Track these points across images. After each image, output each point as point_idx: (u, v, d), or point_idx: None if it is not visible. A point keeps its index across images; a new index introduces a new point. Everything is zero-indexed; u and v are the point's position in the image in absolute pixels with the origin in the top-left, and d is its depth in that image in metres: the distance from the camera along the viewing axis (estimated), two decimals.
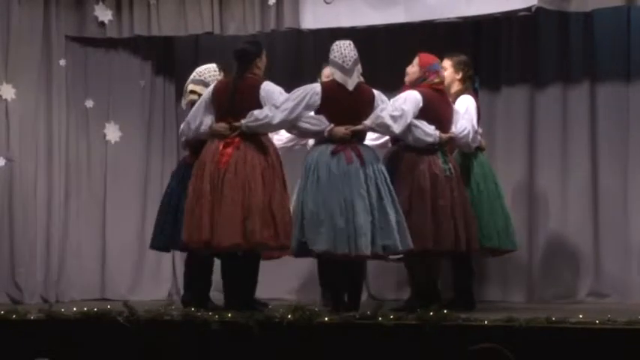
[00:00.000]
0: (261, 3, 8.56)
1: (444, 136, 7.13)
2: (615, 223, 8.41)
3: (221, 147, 7.00)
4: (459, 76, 7.57)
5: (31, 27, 8.79)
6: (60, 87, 8.92)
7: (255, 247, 6.94)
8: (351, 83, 7.05)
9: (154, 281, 9.27)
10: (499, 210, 7.45)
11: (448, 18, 8.21)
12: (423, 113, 7.09)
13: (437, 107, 7.17)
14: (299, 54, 9.43)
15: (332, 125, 6.97)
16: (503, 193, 7.62)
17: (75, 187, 9.02)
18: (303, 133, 7.22)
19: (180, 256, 8.81)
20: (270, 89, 7.09)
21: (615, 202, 8.42)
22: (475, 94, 7.71)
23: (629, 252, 8.34)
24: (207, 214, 6.88)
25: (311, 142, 7.36)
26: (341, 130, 6.96)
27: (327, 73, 7.51)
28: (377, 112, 7.02)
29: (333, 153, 6.94)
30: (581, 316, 6.07)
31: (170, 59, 9.54)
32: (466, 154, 7.47)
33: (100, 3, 8.97)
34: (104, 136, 9.15)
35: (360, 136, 7.09)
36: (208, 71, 7.64)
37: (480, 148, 7.54)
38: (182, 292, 7.80)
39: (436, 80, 7.22)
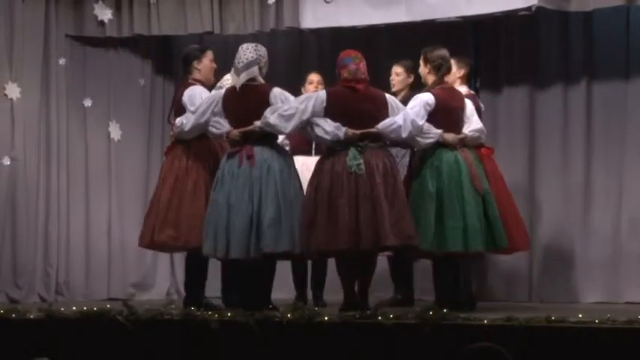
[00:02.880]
0: (260, 2, 8.56)
1: (352, 132, 6.90)
2: (610, 222, 8.41)
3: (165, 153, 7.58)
4: (427, 70, 7.32)
5: (33, 26, 8.80)
6: (60, 86, 8.93)
7: (158, 247, 7.50)
8: (237, 83, 7.09)
9: (155, 280, 9.28)
10: (455, 210, 7.04)
11: (449, 17, 8.20)
12: (328, 111, 6.95)
13: (345, 104, 6.97)
14: (301, 54, 9.44)
15: (230, 129, 7.07)
16: (468, 193, 7.11)
17: (77, 187, 9.03)
18: (213, 137, 7.28)
19: (179, 256, 8.82)
20: (191, 94, 7.29)
21: (611, 201, 8.42)
22: (450, 89, 7.40)
23: (624, 251, 8.33)
24: (146, 217, 7.46)
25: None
26: (233, 133, 7.05)
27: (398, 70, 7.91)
28: (266, 112, 6.98)
29: (229, 156, 7.05)
30: (580, 316, 6.07)
31: (170, 58, 9.54)
32: (426, 150, 7.16)
33: (100, 2, 8.98)
34: (107, 134, 9.16)
35: (260, 136, 7.02)
36: (226, 78, 7.70)
37: (445, 145, 7.16)
38: (182, 292, 7.87)
39: (345, 74, 7.02)
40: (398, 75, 8.01)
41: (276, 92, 7.09)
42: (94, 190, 9.10)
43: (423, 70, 7.38)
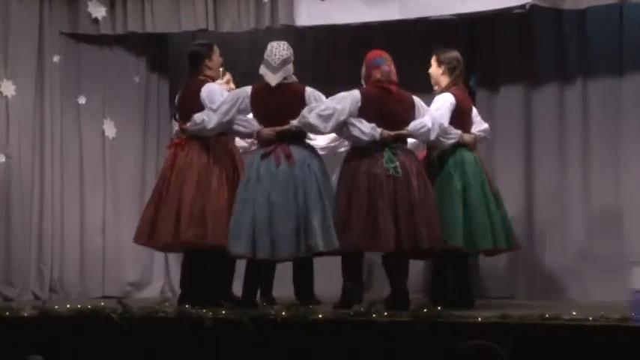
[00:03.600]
0: (255, 0, 8.56)
1: (387, 133, 6.94)
2: (607, 220, 8.42)
3: (173, 149, 7.31)
4: (441, 71, 7.36)
5: (28, 23, 8.80)
6: (55, 83, 8.93)
7: (183, 246, 7.18)
8: (274, 81, 7.03)
9: (150, 278, 9.27)
10: (480, 209, 7.16)
11: (442, 15, 8.21)
12: (363, 112, 6.95)
13: (379, 105, 6.98)
14: (296, 52, 9.41)
15: (260, 127, 7.01)
16: (488, 191, 7.28)
17: (71, 184, 9.02)
18: (238, 136, 7.28)
19: (174, 254, 8.82)
20: (210, 91, 7.19)
21: (609, 197, 8.43)
22: (464, 90, 7.51)
23: (622, 249, 8.34)
24: (151, 214, 7.22)
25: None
26: (266, 131, 7.00)
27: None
28: (304, 111, 6.94)
29: (263, 155, 6.96)
30: (574, 313, 6.08)
31: (164, 56, 9.54)
32: (445, 150, 7.26)
33: None
34: (102, 132, 9.15)
35: (293, 135, 7.00)
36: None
37: (463, 145, 7.28)
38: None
39: (378, 75, 7.03)
40: None
41: (310, 91, 7.07)
42: (89, 188, 9.09)
43: (435, 71, 7.41)
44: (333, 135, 7.33)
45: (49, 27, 8.92)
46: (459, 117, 7.28)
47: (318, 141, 7.47)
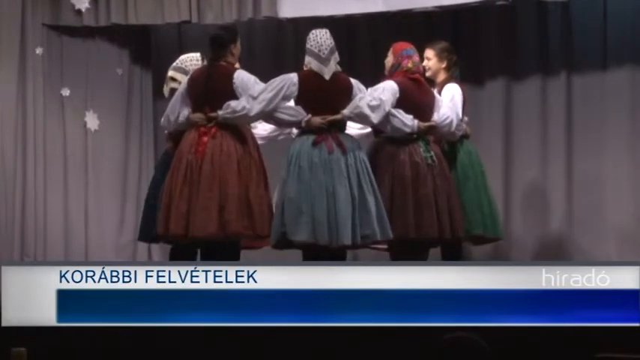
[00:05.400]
0: None
1: (422, 124, 7.03)
2: (591, 211, 8.44)
3: (197, 137, 6.95)
4: (443, 65, 7.40)
5: (10, 15, 8.77)
6: (37, 75, 8.90)
7: (230, 237, 6.93)
8: (327, 72, 6.98)
9: None
10: (485, 198, 7.34)
11: (426, 7, 8.22)
12: (400, 102, 6.99)
13: (413, 96, 7.06)
14: (279, 44, 9.41)
15: (309, 116, 6.94)
16: (486, 180, 7.48)
17: (54, 176, 9.00)
18: (280, 124, 7.18)
19: (157, 246, 8.81)
20: (244, 78, 7.00)
21: (591, 190, 8.46)
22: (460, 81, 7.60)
23: (605, 238, 8.38)
24: (184, 204, 6.86)
25: (295, 131, 7.27)
26: (317, 120, 6.92)
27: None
28: (355, 101, 6.95)
29: (315, 143, 6.91)
30: None
31: (147, 48, 9.51)
32: (452, 141, 7.35)
33: None
34: (84, 124, 9.12)
35: (340, 125, 7.02)
36: (190, 59, 7.55)
37: (465, 136, 7.40)
38: None
39: (409, 65, 7.08)
40: None
41: (355, 81, 7.08)
42: (72, 180, 9.06)
43: (436, 64, 7.42)
44: (272, 126, 7.28)
45: (32, 18, 8.89)
46: (462, 108, 7.38)
47: (258, 130, 7.38)
